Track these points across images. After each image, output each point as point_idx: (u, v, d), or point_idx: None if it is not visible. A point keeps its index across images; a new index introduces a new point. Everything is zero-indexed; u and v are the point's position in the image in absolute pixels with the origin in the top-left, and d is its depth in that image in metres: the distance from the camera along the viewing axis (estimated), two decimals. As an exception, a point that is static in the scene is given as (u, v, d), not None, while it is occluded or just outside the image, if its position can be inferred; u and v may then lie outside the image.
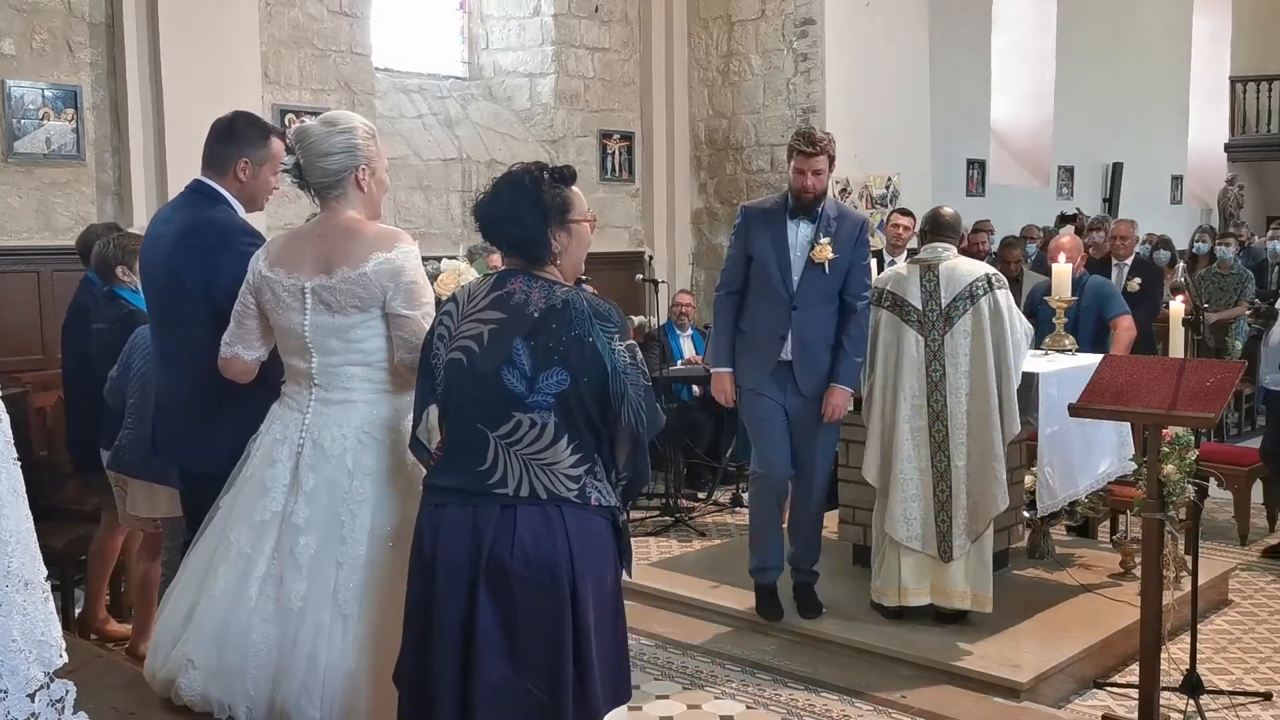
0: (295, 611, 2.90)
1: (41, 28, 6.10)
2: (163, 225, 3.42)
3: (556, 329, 2.59)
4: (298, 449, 2.97)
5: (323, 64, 7.17)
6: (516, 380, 2.58)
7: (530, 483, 2.59)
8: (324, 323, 2.95)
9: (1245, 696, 4.31)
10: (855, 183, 8.85)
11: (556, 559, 2.58)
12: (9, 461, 1.89)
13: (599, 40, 8.83)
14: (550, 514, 2.60)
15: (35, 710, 1.87)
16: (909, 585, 4.63)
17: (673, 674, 4.53)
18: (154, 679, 3.08)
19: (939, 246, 4.70)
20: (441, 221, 7.86)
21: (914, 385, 4.59)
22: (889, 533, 4.64)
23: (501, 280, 2.70)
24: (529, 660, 2.58)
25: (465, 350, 2.64)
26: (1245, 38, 16.98)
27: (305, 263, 2.96)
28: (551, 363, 2.58)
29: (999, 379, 4.51)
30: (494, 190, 2.71)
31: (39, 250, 6.08)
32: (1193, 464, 4.44)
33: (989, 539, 4.63)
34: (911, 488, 4.60)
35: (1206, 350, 8.19)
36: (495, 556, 2.57)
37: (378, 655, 2.88)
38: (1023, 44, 12.90)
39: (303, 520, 2.92)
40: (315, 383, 3.00)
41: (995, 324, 4.53)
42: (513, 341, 2.59)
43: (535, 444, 2.59)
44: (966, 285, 4.57)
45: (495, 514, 2.59)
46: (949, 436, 4.55)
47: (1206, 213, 16.31)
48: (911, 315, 4.61)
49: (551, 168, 2.74)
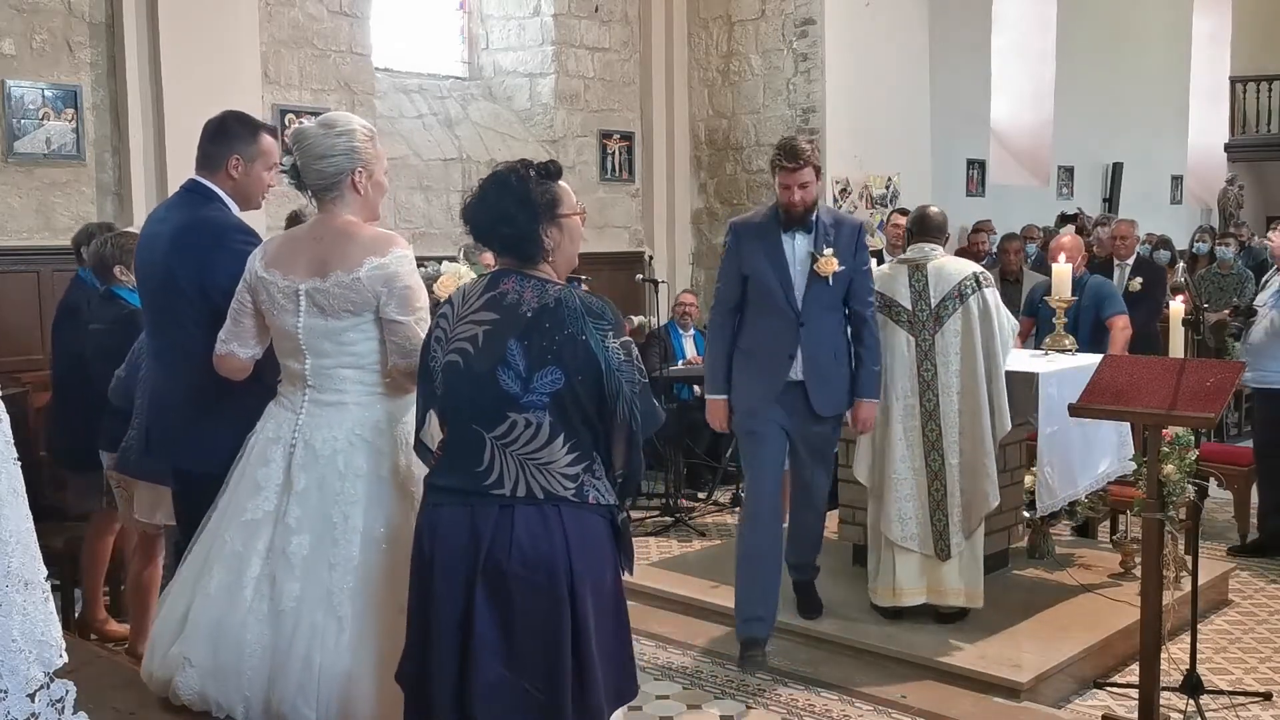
0: (289, 612, 2.89)
1: (41, 28, 6.10)
2: (158, 225, 3.42)
3: (550, 328, 2.58)
4: (290, 449, 2.97)
5: (323, 64, 7.18)
6: (511, 380, 2.58)
7: (527, 483, 2.59)
8: (317, 325, 2.95)
9: (1245, 696, 4.31)
10: (855, 183, 8.85)
11: (554, 559, 2.57)
12: (9, 461, 1.89)
13: (599, 40, 8.83)
14: (548, 514, 2.59)
15: (35, 710, 1.87)
16: (904, 585, 4.63)
17: (673, 674, 4.53)
18: (151, 678, 3.08)
19: (926, 246, 4.70)
20: (441, 221, 7.86)
21: (906, 385, 4.59)
22: (884, 533, 4.64)
23: (494, 280, 2.69)
24: (527, 660, 2.58)
25: (461, 352, 2.64)
26: (1245, 38, 16.98)
27: (300, 265, 2.96)
28: (545, 362, 2.57)
29: (989, 378, 4.53)
30: (481, 192, 2.70)
31: (39, 250, 6.08)
32: (1193, 464, 4.44)
33: (980, 535, 4.65)
34: (906, 487, 4.60)
35: (1206, 350, 8.19)
36: (493, 557, 2.57)
37: (374, 656, 2.87)
38: (1023, 44, 12.89)
39: (295, 520, 2.92)
40: (309, 384, 3.00)
41: (984, 323, 4.55)
42: (507, 342, 2.59)
43: (531, 444, 2.59)
44: (955, 284, 4.58)
45: (493, 514, 2.59)
46: (942, 435, 4.56)
47: (1206, 213, 16.30)
48: (901, 315, 4.62)
49: (537, 164, 2.72)
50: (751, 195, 9.00)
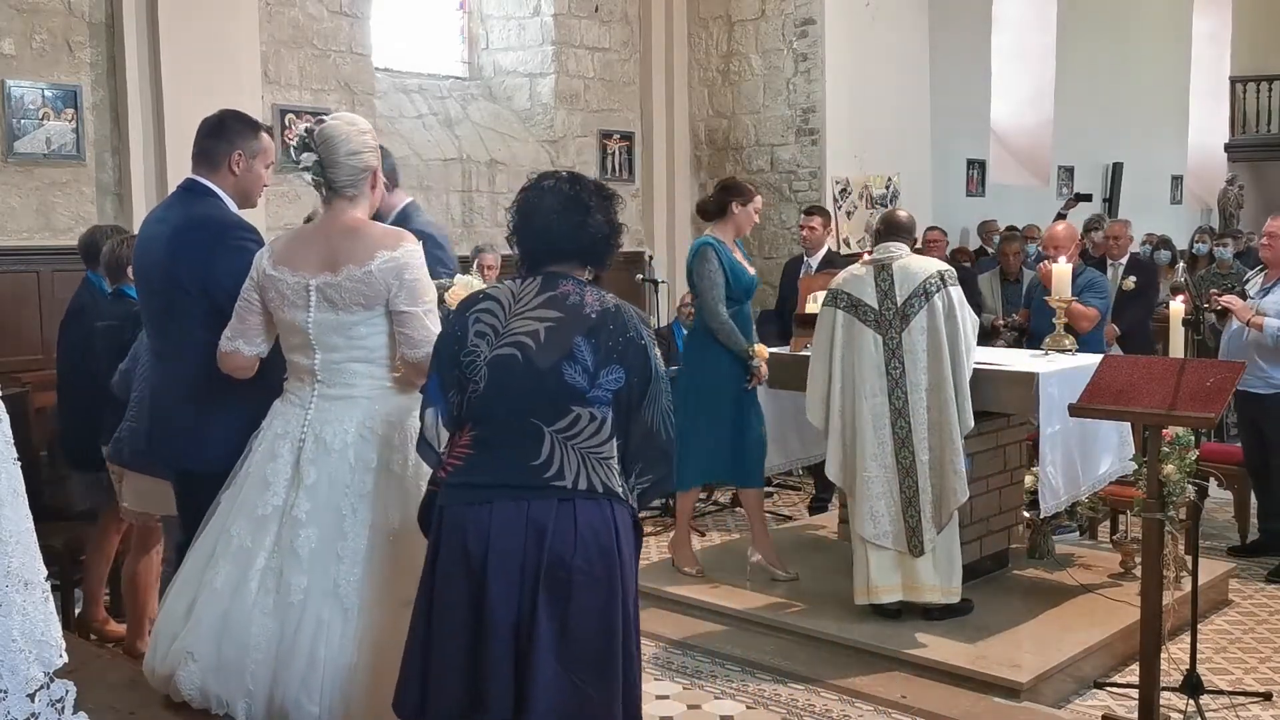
0: (295, 605, 2.91)
1: (41, 28, 6.10)
2: (157, 225, 3.42)
3: (614, 329, 2.66)
4: (299, 444, 3.00)
5: (323, 64, 7.18)
6: (578, 375, 2.62)
7: (588, 475, 2.63)
8: (327, 320, 2.97)
9: (1245, 696, 4.31)
10: (855, 183, 8.85)
11: (612, 550, 2.64)
12: (9, 461, 1.89)
13: (599, 40, 8.84)
14: (604, 506, 2.65)
15: (35, 710, 1.87)
16: (879, 583, 4.64)
17: (673, 674, 4.53)
18: (153, 674, 3.09)
19: (892, 246, 4.74)
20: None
21: (874, 384, 4.61)
22: (858, 531, 4.66)
23: (550, 282, 2.73)
24: (582, 655, 2.60)
25: (519, 346, 2.65)
26: (1245, 38, 16.98)
27: (310, 261, 3.00)
28: (611, 360, 2.65)
29: (954, 374, 4.55)
30: (569, 197, 2.75)
31: (39, 250, 6.09)
32: (1193, 464, 4.44)
33: (954, 530, 4.65)
34: (878, 485, 4.62)
35: (1206, 350, 8.19)
36: (555, 551, 2.58)
37: (377, 650, 2.88)
38: (1023, 44, 12.90)
39: (304, 514, 2.94)
40: (318, 379, 3.02)
41: (949, 320, 4.57)
42: (573, 339, 2.64)
43: (594, 437, 2.65)
44: (920, 282, 4.61)
45: (553, 507, 2.60)
46: (912, 432, 4.58)
47: (1206, 213, 16.30)
48: (868, 315, 4.64)
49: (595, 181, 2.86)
50: (751, 195, 9.00)
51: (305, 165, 3.05)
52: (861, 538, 4.65)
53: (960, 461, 4.56)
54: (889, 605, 4.67)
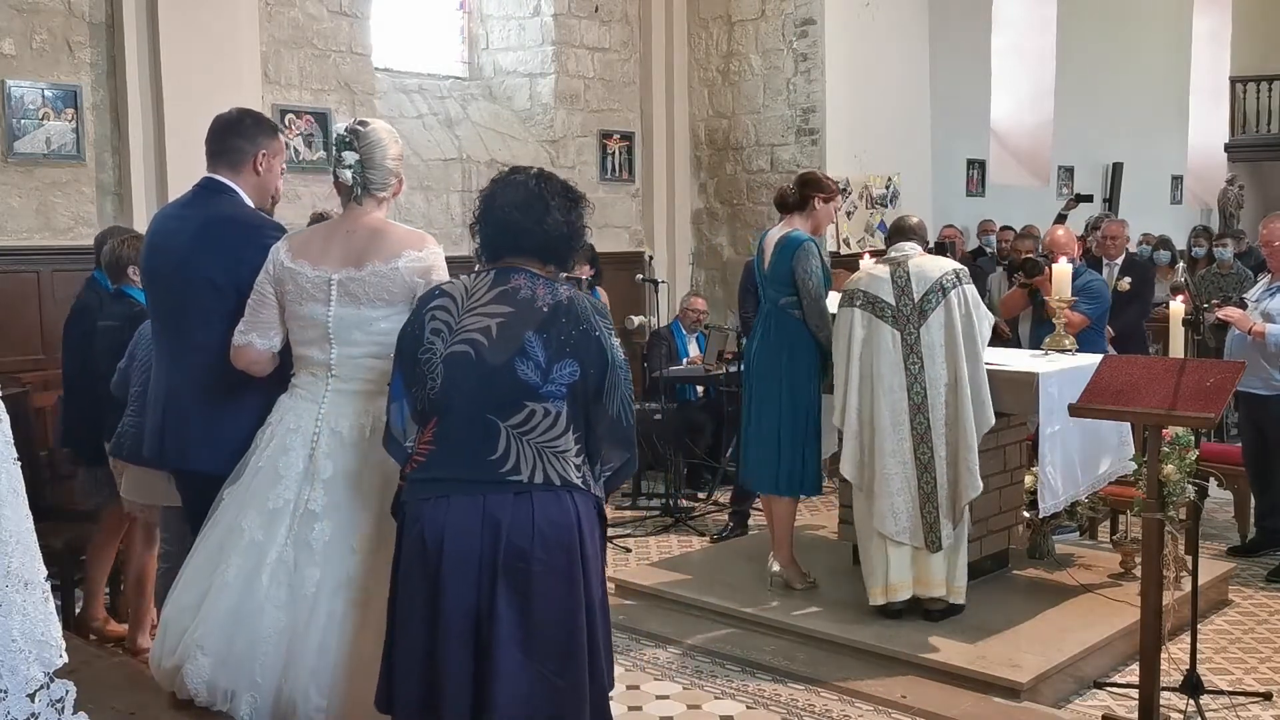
0: (308, 598, 2.94)
1: (41, 28, 6.10)
2: (174, 222, 3.37)
3: (566, 323, 2.68)
4: (313, 438, 3.02)
5: (323, 64, 7.18)
6: (530, 371, 2.64)
7: (545, 469, 2.65)
8: (348, 314, 3.02)
9: (1245, 696, 4.31)
10: (855, 183, 8.85)
11: (572, 542, 2.65)
12: (9, 461, 1.89)
13: (599, 40, 8.84)
14: (562, 498, 2.66)
15: (35, 710, 1.87)
16: (896, 580, 4.64)
17: (673, 674, 4.52)
18: (159, 669, 3.09)
19: (906, 245, 4.81)
20: (442, 221, 7.86)
21: (893, 380, 4.62)
22: (878, 529, 4.65)
23: (502, 276, 2.75)
24: (546, 646, 2.61)
25: (472, 343, 2.67)
26: (1245, 38, 16.97)
27: (332, 256, 3.04)
28: (564, 354, 2.67)
29: (972, 371, 4.57)
30: (532, 191, 2.76)
31: (39, 250, 6.09)
32: (1193, 464, 4.44)
33: (964, 532, 4.66)
34: (897, 482, 4.62)
35: (1206, 350, 8.18)
36: (513, 543, 2.60)
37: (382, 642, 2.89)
38: (1023, 44, 12.89)
39: (320, 507, 2.98)
40: (332, 373, 3.06)
41: (965, 317, 4.61)
42: (524, 334, 2.66)
43: (549, 432, 2.66)
44: (936, 279, 4.65)
45: (510, 501, 2.63)
46: (930, 428, 4.59)
47: (1206, 213, 16.29)
48: (886, 312, 4.66)
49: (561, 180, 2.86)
50: (751, 195, 9.01)
51: (348, 164, 3.10)
52: (881, 535, 4.64)
53: (975, 459, 4.57)
54: (894, 605, 4.67)
